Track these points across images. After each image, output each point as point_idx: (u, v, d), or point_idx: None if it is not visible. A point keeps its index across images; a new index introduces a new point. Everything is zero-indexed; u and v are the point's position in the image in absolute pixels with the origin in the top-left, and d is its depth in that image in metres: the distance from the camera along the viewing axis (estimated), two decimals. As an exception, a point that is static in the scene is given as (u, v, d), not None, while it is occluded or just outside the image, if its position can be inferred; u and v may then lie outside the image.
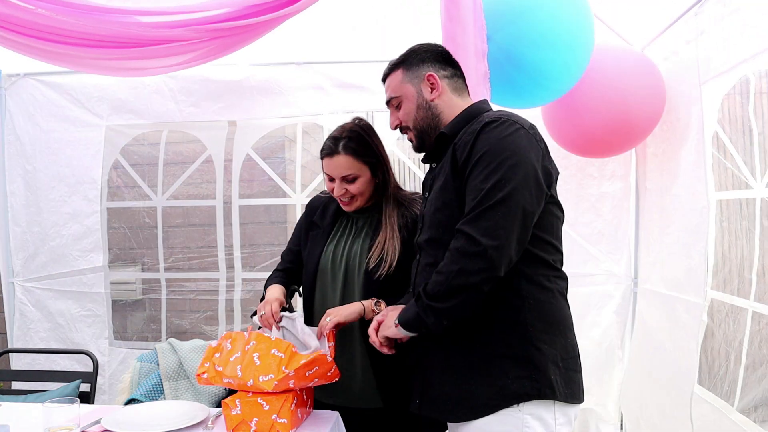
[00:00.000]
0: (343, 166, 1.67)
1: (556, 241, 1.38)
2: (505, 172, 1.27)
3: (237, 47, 2.22)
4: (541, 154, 1.34)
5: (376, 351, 1.47)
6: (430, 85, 1.47)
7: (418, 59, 1.49)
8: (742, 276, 2.10)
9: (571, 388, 1.34)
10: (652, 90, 2.42)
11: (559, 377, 1.32)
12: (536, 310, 1.33)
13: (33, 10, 1.91)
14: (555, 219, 1.39)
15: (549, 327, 1.33)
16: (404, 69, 1.49)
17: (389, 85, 1.53)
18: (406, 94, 1.49)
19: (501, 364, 1.31)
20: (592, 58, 2.30)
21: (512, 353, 1.31)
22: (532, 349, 1.31)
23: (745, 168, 2.08)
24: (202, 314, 3.43)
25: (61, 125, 3.04)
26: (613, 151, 2.62)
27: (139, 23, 2.05)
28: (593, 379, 2.80)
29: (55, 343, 3.05)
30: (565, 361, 1.34)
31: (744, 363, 2.04)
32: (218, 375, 1.51)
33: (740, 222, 2.21)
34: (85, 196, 3.04)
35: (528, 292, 1.32)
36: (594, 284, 2.86)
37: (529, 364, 1.30)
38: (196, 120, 3.01)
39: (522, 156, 1.29)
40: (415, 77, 1.48)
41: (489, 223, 1.25)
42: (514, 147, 1.30)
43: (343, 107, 2.91)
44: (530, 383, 1.30)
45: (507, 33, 2.09)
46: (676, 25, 2.35)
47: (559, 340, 1.34)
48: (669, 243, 2.48)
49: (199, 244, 3.55)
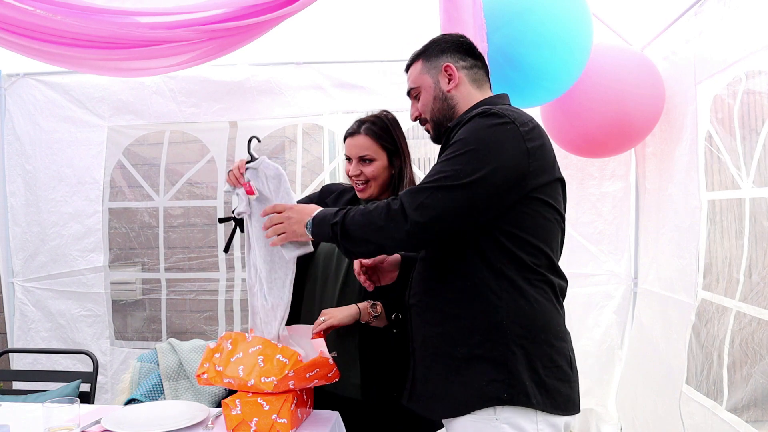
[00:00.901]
0: (362, 146, 1.72)
1: (543, 244, 1.33)
2: (468, 163, 1.26)
3: (235, 47, 2.22)
4: (526, 153, 1.28)
5: (368, 345, 1.48)
6: (448, 76, 1.44)
7: (437, 50, 1.47)
8: (730, 276, 2.10)
9: (554, 397, 1.28)
10: (651, 90, 2.42)
11: (536, 385, 1.27)
12: (514, 312, 1.28)
13: (32, 11, 1.91)
14: (544, 221, 1.33)
15: (528, 332, 1.28)
16: (424, 60, 1.48)
17: (410, 76, 1.52)
18: (424, 85, 1.47)
19: (478, 366, 1.29)
20: (591, 58, 2.30)
21: (489, 355, 1.28)
22: (508, 353, 1.27)
23: (733, 168, 2.09)
24: (202, 314, 3.43)
25: (62, 125, 3.04)
26: (611, 151, 2.62)
27: (137, 24, 2.06)
28: (593, 379, 2.81)
29: (56, 343, 3.05)
30: (547, 369, 1.28)
31: (726, 362, 2.05)
32: (218, 375, 1.51)
33: (731, 222, 2.21)
34: (87, 197, 3.04)
35: (506, 293, 1.29)
36: (596, 284, 2.87)
37: (503, 368, 1.27)
38: (197, 121, 3.01)
39: (493, 150, 1.26)
40: (434, 68, 1.46)
41: (426, 201, 1.26)
42: (489, 140, 1.27)
43: (343, 107, 2.91)
44: (504, 388, 1.26)
45: (505, 33, 2.09)
46: (676, 25, 2.35)
47: (540, 347, 1.29)
48: (664, 243, 2.48)
49: (200, 245, 3.55)
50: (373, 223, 1.31)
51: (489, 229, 1.31)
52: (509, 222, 1.30)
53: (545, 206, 1.34)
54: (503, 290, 1.29)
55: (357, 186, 1.76)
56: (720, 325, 2.08)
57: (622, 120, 2.39)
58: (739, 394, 1.98)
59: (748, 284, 2.00)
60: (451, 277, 1.35)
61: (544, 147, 1.34)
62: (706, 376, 2.12)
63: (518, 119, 1.31)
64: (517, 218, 1.31)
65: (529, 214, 1.31)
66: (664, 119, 2.48)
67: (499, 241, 1.30)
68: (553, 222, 1.36)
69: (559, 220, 1.38)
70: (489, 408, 1.27)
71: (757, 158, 1.99)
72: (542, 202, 1.33)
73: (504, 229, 1.30)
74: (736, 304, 2.02)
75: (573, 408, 1.33)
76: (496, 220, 1.30)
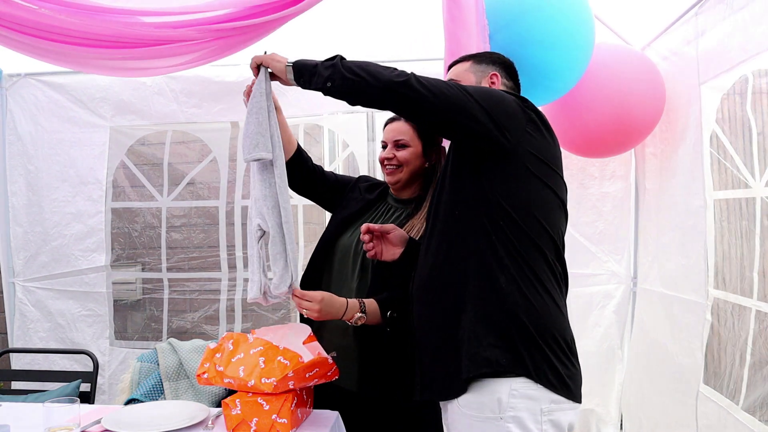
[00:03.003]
0: (399, 130, 1.73)
1: (549, 227, 1.36)
2: (476, 90, 1.34)
3: (240, 47, 2.22)
4: (525, 119, 1.37)
5: (366, 337, 1.54)
6: (491, 84, 1.52)
7: (489, 60, 1.57)
8: (743, 275, 2.10)
9: (553, 374, 1.29)
10: (652, 90, 2.43)
11: (536, 359, 1.29)
12: (518, 295, 1.31)
13: (36, 9, 1.91)
14: (550, 204, 1.38)
15: (530, 315, 1.31)
16: (474, 62, 1.56)
17: (453, 70, 1.58)
18: (466, 81, 1.51)
19: (480, 337, 1.31)
20: (592, 58, 2.31)
21: (492, 329, 1.30)
22: (511, 326, 1.30)
23: (744, 168, 2.09)
24: (204, 314, 3.44)
25: (64, 125, 3.05)
26: (612, 151, 2.62)
27: (142, 23, 2.05)
28: (594, 379, 2.80)
29: (55, 343, 3.05)
30: (549, 347, 1.30)
31: (749, 362, 2.04)
32: (219, 375, 1.51)
33: (740, 221, 2.21)
34: (90, 197, 3.05)
35: (511, 267, 1.32)
36: (596, 284, 2.87)
37: (505, 338, 1.29)
38: (199, 121, 3.01)
39: (499, 99, 1.35)
40: (480, 71, 1.54)
41: (435, 82, 1.31)
42: (497, 94, 1.36)
43: (343, 108, 2.91)
44: (502, 354, 1.28)
45: (507, 34, 2.09)
46: (677, 25, 2.35)
47: (543, 326, 1.31)
48: (666, 242, 2.48)
49: (201, 244, 3.55)
50: (372, 65, 1.36)
51: (495, 210, 1.34)
52: (514, 198, 1.34)
53: (548, 191, 1.38)
54: (507, 263, 1.32)
55: (387, 170, 1.74)
56: (741, 325, 2.07)
57: (623, 120, 2.39)
58: (757, 393, 1.98)
59: (763, 283, 2.00)
60: (455, 260, 1.37)
61: (548, 133, 1.42)
62: (726, 376, 2.12)
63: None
64: (522, 196, 1.34)
65: (534, 193, 1.36)
66: (665, 119, 2.48)
67: (507, 220, 1.33)
68: (557, 209, 1.40)
69: (563, 209, 1.42)
70: (487, 380, 1.28)
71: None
72: (545, 186, 1.37)
73: (508, 209, 1.33)
74: (755, 303, 2.01)
75: (572, 392, 1.32)
76: (503, 197, 1.33)
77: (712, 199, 2.16)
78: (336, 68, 1.38)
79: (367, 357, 1.65)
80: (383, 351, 1.62)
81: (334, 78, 1.38)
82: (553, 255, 1.38)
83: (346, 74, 1.36)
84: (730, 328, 2.12)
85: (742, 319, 2.07)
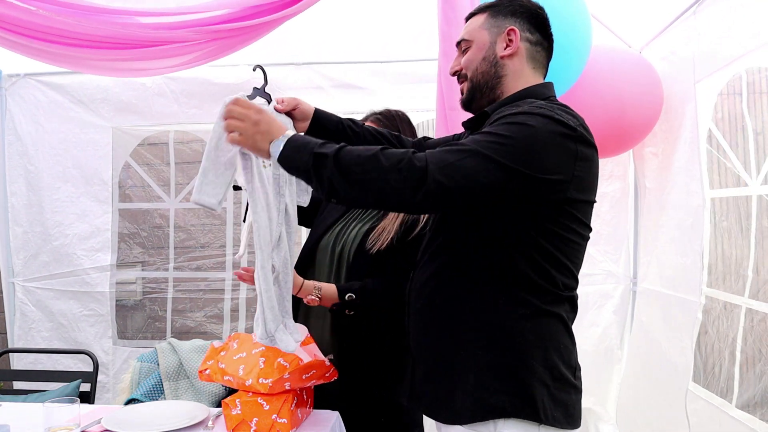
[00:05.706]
0: None
1: (570, 263, 1.24)
2: (506, 142, 1.12)
3: (238, 48, 2.22)
4: (572, 158, 1.18)
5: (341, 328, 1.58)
6: (508, 41, 1.30)
7: (508, 10, 1.32)
8: (737, 273, 2.10)
9: (560, 411, 1.19)
10: (650, 91, 2.43)
11: (544, 398, 1.17)
12: (532, 321, 1.19)
13: (33, 11, 1.91)
14: (574, 239, 1.25)
15: (540, 341, 1.19)
16: (490, 14, 1.33)
17: (467, 26, 1.37)
18: (478, 41, 1.32)
19: (482, 374, 1.19)
20: (590, 59, 2.31)
21: (495, 362, 1.19)
22: (517, 362, 1.18)
23: (740, 166, 2.09)
24: (207, 313, 3.45)
25: (65, 126, 3.04)
26: (610, 152, 2.63)
27: (139, 24, 2.06)
28: (592, 378, 2.79)
29: (57, 342, 3.06)
30: (557, 381, 1.19)
31: (739, 360, 2.05)
32: (220, 372, 1.52)
33: (736, 220, 2.21)
34: (95, 197, 3.05)
35: (526, 299, 1.20)
36: (592, 284, 2.87)
37: (511, 378, 1.17)
38: (200, 121, 3.01)
39: (534, 144, 1.13)
40: (496, 27, 1.31)
41: (452, 159, 1.10)
42: (532, 136, 1.14)
43: (342, 108, 2.90)
44: (509, 399, 1.16)
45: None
46: (674, 25, 2.36)
47: (551, 357, 1.20)
48: (665, 242, 2.48)
49: (205, 244, 3.57)
50: (379, 163, 1.11)
51: (521, 244, 1.20)
52: (547, 236, 1.21)
53: (584, 227, 1.26)
54: (522, 295, 1.20)
55: None
56: (730, 323, 2.08)
57: (621, 121, 2.39)
58: (752, 391, 1.98)
59: (756, 281, 2.00)
60: (462, 280, 1.25)
61: (594, 156, 1.26)
62: (717, 374, 2.12)
63: (569, 121, 1.22)
64: (555, 239, 1.21)
65: (566, 231, 1.22)
66: (664, 119, 2.48)
67: (531, 255, 1.21)
68: (581, 243, 1.29)
69: (580, 238, 1.30)
70: (490, 421, 1.18)
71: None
72: (581, 224, 1.25)
73: (536, 245, 1.21)
74: (746, 301, 2.02)
75: (575, 422, 1.23)
76: (537, 233, 1.19)
77: (709, 198, 2.17)
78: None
79: (344, 343, 1.70)
80: (361, 349, 1.66)
81: (334, 192, 1.18)
82: (572, 282, 1.27)
83: (348, 192, 1.16)
84: (719, 326, 2.13)
85: (732, 318, 2.08)
